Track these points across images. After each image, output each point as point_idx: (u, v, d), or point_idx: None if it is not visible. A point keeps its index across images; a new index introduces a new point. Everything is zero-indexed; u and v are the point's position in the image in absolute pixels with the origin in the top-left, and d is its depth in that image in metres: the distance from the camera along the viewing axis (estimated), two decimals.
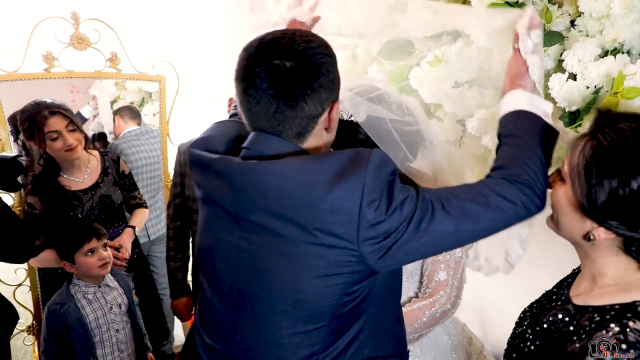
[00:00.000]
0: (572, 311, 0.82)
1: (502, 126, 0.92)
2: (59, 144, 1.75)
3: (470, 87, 1.30)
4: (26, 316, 2.13)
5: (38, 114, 1.71)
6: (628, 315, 0.71)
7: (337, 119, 0.90)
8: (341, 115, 1.09)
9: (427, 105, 1.41)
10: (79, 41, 2.16)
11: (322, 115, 0.85)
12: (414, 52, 1.41)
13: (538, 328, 0.86)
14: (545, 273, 1.13)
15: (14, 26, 2.30)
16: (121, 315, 1.77)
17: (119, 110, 2.48)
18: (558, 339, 0.80)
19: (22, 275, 2.15)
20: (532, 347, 0.85)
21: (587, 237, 0.79)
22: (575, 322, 0.79)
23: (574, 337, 0.77)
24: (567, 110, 1.11)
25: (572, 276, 0.95)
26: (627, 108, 1.00)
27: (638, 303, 0.73)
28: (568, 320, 0.81)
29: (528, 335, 0.88)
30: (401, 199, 0.78)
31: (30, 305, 2.16)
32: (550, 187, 0.85)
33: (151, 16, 2.81)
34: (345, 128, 1.04)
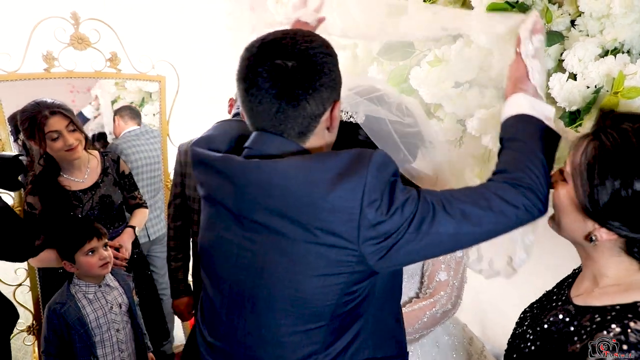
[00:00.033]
0: (573, 311, 0.82)
1: (504, 130, 0.91)
2: (59, 144, 1.75)
3: (470, 87, 1.30)
4: (26, 316, 2.13)
5: (38, 114, 1.71)
6: (629, 315, 0.71)
7: (339, 119, 0.90)
8: (340, 116, 1.09)
9: (427, 105, 1.41)
10: (79, 41, 2.16)
11: (324, 114, 0.85)
12: (414, 52, 1.41)
13: (538, 328, 0.86)
14: (546, 273, 1.13)
15: (14, 26, 2.29)
16: (121, 315, 1.78)
17: (119, 110, 2.48)
18: (559, 340, 0.80)
19: (22, 275, 2.15)
20: (533, 348, 0.85)
21: (589, 238, 0.79)
22: (576, 323, 0.79)
23: (575, 338, 0.76)
24: (568, 110, 1.11)
25: (573, 276, 0.95)
26: (628, 108, 1.00)
27: (639, 304, 0.73)
28: (569, 320, 0.81)
29: (528, 335, 0.88)
30: (402, 200, 0.78)
31: (30, 305, 2.16)
32: (552, 187, 0.85)
33: (151, 16, 2.81)
34: (344, 129, 1.04)
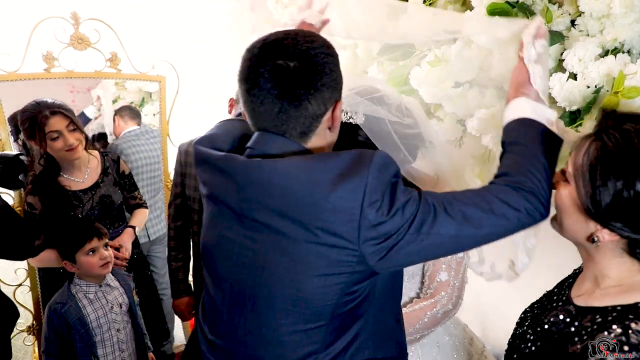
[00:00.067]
0: (574, 312, 0.82)
1: (506, 134, 0.92)
2: (60, 144, 1.75)
3: (470, 87, 1.30)
4: (26, 316, 2.13)
5: (39, 114, 1.70)
6: (630, 316, 0.71)
7: (340, 118, 0.90)
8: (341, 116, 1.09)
9: (427, 105, 1.41)
10: (79, 41, 2.16)
11: (326, 114, 0.86)
12: (414, 52, 1.41)
13: (539, 329, 0.86)
14: (547, 274, 1.13)
15: (14, 26, 2.29)
16: (122, 314, 1.78)
17: (119, 110, 2.48)
18: (559, 340, 0.80)
19: (22, 275, 2.15)
20: (533, 348, 0.85)
21: (591, 239, 0.79)
22: (576, 323, 0.79)
23: (575, 338, 0.76)
24: (568, 109, 1.11)
25: (573, 276, 0.95)
26: (628, 107, 1.00)
27: None
28: (569, 321, 0.81)
29: (529, 335, 0.88)
30: (403, 201, 0.78)
31: (30, 305, 2.16)
32: (554, 188, 0.85)
33: (151, 16, 2.81)
34: (344, 130, 1.04)
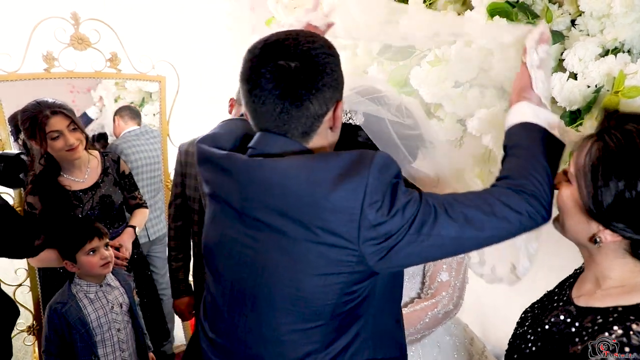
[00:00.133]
0: (574, 312, 0.82)
1: (508, 138, 0.92)
2: (60, 144, 1.75)
3: (470, 87, 1.30)
4: (26, 316, 2.13)
5: (40, 114, 1.71)
6: (631, 317, 0.71)
7: (341, 118, 0.90)
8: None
9: (428, 105, 1.41)
10: (79, 41, 2.16)
11: (327, 114, 0.86)
12: (414, 52, 1.40)
13: (539, 329, 0.86)
14: (548, 274, 1.13)
15: (14, 26, 2.29)
16: (122, 314, 1.78)
17: (119, 110, 2.48)
18: (560, 340, 0.80)
19: (22, 275, 2.15)
20: (534, 348, 0.85)
21: (593, 240, 0.78)
22: (577, 324, 0.79)
23: (576, 339, 0.76)
24: (568, 109, 1.11)
25: (574, 276, 0.95)
26: (628, 107, 1.00)
27: None
28: (570, 321, 0.81)
29: (529, 336, 0.88)
30: (404, 202, 0.78)
31: (30, 305, 2.16)
32: (556, 189, 0.85)
33: (151, 16, 2.81)
34: (344, 131, 1.04)
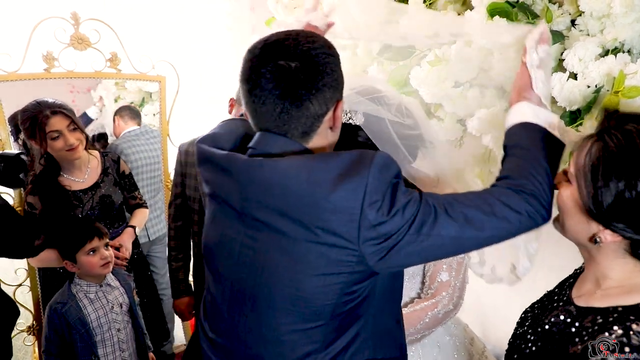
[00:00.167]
0: (574, 312, 0.82)
1: (508, 138, 0.92)
2: (60, 144, 1.75)
3: (470, 87, 1.30)
4: (26, 316, 2.13)
5: (40, 114, 1.71)
6: (631, 317, 0.71)
7: (341, 118, 0.90)
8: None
9: (428, 105, 1.41)
10: (79, 41, 2.16)
11: (327, 114, 0.86)
12: (414, 52, 1.41)
13: (539, 329, 0.86)
14: (548, 274, 1.13)
15: (14, 26, 2.29)
16: (122, 314, 1.78)
17: (119, 110, 2.48)
18: (560, 340, 0.80)
19: (22, 275, 2.15)
20: (534, 348, 0.85)
21: (593, 240, 0.78)
22: (577, 324, 0.79)
23: (576, 339, 0.76)
24: (568, 109, 1.11)
25: (574, 276, 0.95)
26: (628, 107, 1.00)
27: None
28: (570, 321, 0.81)
29: (529, 336, 0.88)
30: (404, 202, 0.78)
31: (30, 305, 2.16)
32: (556, 189, 0.85)
33: (151, 16, 2.81)
34: (344, 131, 1.04)
